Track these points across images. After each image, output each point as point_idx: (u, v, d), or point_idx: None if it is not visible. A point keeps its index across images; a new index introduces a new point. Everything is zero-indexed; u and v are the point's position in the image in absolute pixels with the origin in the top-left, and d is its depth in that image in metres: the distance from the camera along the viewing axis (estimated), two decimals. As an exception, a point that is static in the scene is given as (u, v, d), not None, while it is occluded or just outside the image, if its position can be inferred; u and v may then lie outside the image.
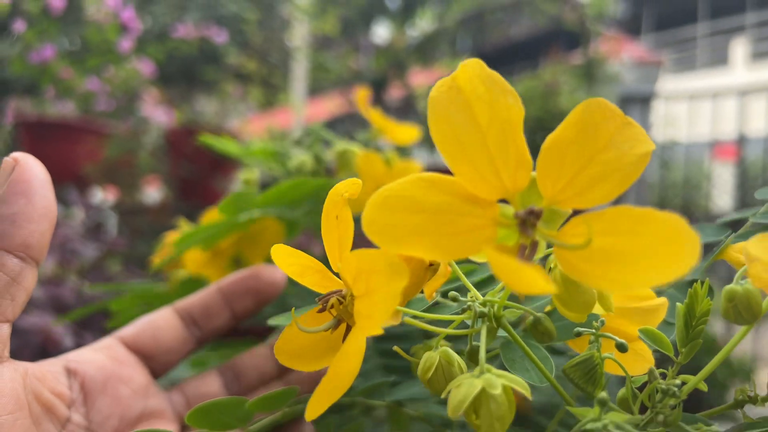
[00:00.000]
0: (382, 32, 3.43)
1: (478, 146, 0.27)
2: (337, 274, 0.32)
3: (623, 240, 0.25)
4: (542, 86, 2.99)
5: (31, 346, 1.93)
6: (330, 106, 3.78)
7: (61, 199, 1.97)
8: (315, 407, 0.29)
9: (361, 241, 0.29)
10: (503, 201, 0.29)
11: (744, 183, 3.89)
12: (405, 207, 0.26)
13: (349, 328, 0.31)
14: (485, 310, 0.30)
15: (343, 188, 0.31)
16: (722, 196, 4.16)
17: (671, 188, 4.14)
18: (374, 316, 0.27)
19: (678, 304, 0.30)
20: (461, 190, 0.27)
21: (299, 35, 2.83)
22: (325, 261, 0.32)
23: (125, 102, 2.18)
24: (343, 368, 0.28)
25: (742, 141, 3.93)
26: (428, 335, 0.42)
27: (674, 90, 4.46)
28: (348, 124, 3.51)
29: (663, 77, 4.73)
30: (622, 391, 0.30)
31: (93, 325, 1.31)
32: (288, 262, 0.32)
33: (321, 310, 0.31)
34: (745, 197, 3.76)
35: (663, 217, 0.25)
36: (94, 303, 1.05)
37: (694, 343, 0.29)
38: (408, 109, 3.30)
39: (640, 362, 0.32)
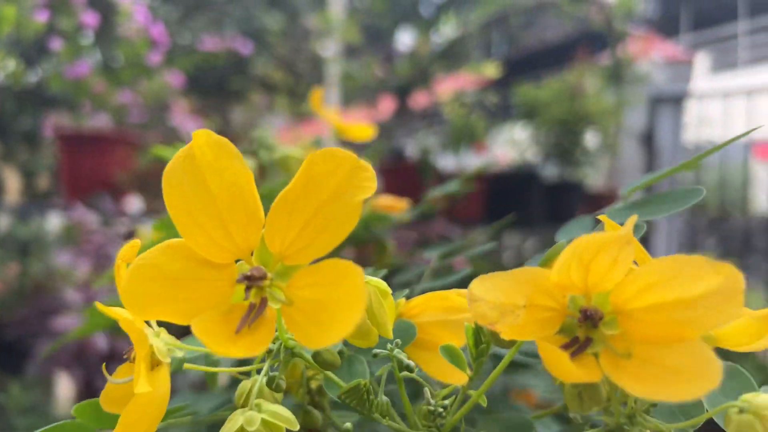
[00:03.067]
0: (405, 39, 3.46)
1: (209, 212, 0.28)
2: None
3: (324, 292, 0.26)
4: (568, 89, 2.98)
5: (68, 350, 2.01)
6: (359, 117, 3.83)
7: (96, 207, 2.06)
8: None
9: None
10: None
11: (783, 183, 3.78)
12: (152, 275, 0.28)
13: None
14: (272, 346, 0.32)
15: (123, 255, 0.31)
16: (760, 197, 4.05)
17: (707, 190, 4.04)
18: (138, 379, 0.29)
19: (466, 324, 0.31)
20: (199, 255, 0.28)
21: (330, 45, 2.88)
22: None
23: (156, 113, 2.27)
24: (135, 417, 0.29)
25: (780, 139, 3.82)
26: None
27: (707, 89, 4.36)
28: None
29: (699, 77, 4.63)
30: (418, 408, 0.33)
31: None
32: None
33: (131, 361, 0.32)
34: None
35: (342, 266, 0.25)
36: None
37: (481, 360, 0.31)
38: (433, 116, 3.32)
39: (455, 371, 0.34)
